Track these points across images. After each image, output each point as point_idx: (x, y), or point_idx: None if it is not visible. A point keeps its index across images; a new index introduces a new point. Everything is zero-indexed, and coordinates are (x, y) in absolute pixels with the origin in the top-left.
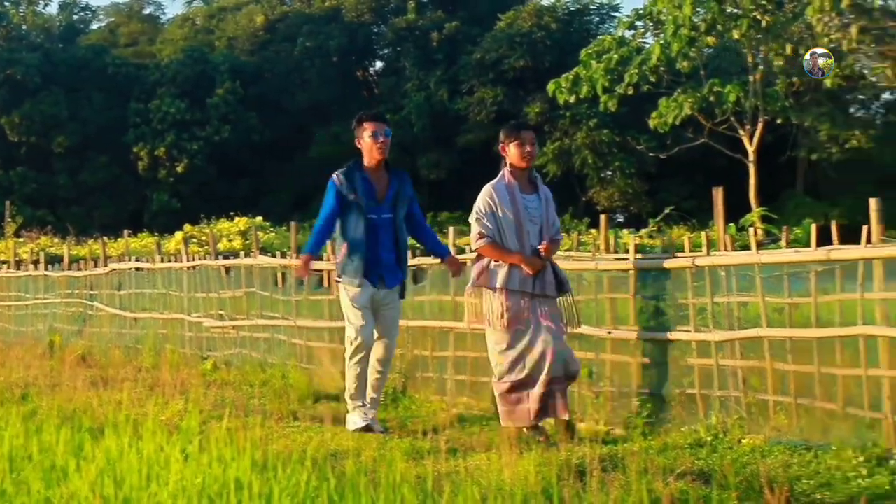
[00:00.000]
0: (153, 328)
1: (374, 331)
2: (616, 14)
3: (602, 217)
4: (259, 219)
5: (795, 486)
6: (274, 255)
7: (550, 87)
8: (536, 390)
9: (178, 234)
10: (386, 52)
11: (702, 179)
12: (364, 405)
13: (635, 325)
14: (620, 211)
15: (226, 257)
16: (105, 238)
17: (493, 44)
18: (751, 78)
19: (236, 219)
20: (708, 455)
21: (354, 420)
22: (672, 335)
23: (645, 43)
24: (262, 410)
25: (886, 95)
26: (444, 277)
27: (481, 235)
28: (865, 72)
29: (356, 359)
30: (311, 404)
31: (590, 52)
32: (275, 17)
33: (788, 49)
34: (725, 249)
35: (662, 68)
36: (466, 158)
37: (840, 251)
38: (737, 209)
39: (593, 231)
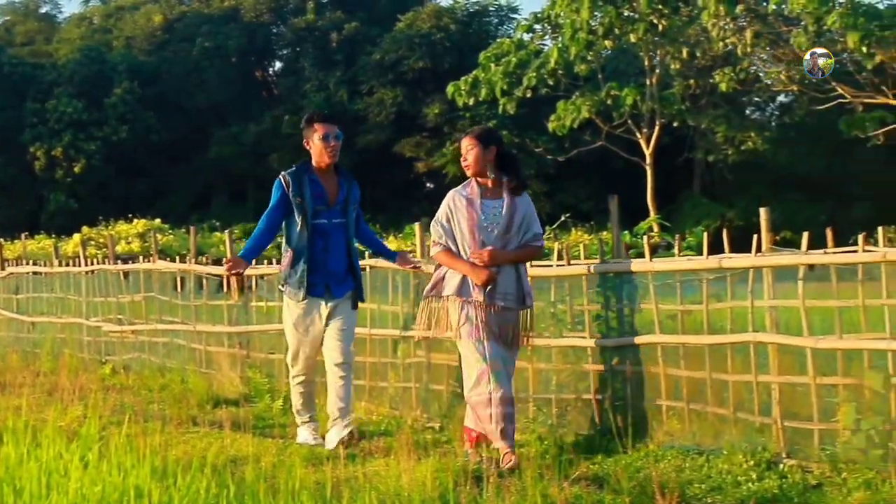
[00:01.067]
0: (51, 332)
1: (326, 337)
2: (515, 16)
3: None
4: (157, 221)
5: (687, 491)
6: (173, 259)
7: (450, 89)
8: (492, 409)
9: (76, 237)
10: (285, 52)
11: (600, 182)
12: (313, 421)
13: (532, 331)
14: None
15: (124, 261)
16: (1, 240)
17: (393, 45)
18: (648, 81)
19: (135, 220)
20: (602, 460)
21: (304, 436)
22: (569, 341)
23: (543, 45)
24: (161, 416)
25: (781, 98)
26: None
27: (435, 243)
28: (761, 75)
29: (296, 381)
30: (211, 409)
31: (489, 54)
32: (173, 16)
33: (685, 52)
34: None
35: (560, 71)
36: (366, 159)
37: (731, 260)
38: (635, 210)
39: None
